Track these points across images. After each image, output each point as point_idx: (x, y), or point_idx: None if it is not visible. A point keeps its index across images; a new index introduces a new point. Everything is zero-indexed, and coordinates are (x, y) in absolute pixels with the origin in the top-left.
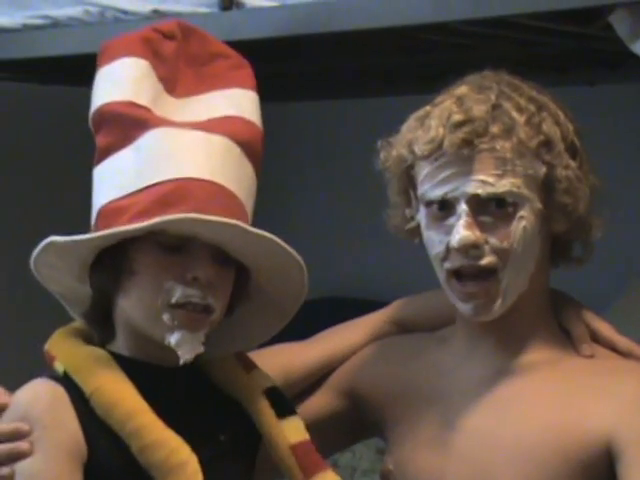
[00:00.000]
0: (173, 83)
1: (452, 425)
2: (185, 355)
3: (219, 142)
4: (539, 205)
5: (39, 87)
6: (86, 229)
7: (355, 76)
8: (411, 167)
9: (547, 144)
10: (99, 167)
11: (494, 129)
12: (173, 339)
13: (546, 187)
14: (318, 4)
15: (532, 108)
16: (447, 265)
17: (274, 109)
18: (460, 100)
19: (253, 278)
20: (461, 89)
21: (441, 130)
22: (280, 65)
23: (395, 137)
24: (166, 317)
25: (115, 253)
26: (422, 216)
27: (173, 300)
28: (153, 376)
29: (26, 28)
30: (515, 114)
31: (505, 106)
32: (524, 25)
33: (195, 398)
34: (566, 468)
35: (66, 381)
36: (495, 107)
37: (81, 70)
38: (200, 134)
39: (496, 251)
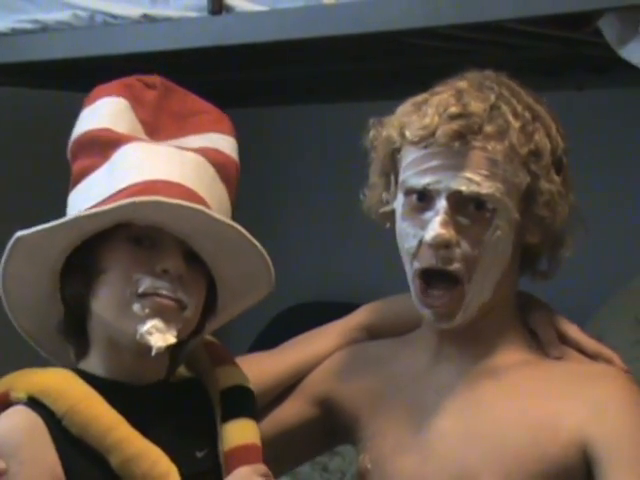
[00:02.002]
0: (153, 129)
1: (429, 427)
2: (157, 343)
3: (192, 157)
4: (516, 215)
5: (28, 91)
6: None
7: (344, 80)
8: (397, 151)
9: (536, 154)
10: (74, 190)
11: (488, 129)
12: (144, 328)
13: (526, 198)
14: (307, 9)
15: (528, 116)
16: (416, 265)
17: (263, 113)
18: (460, 93)
19: (219, 294)
20: (461, 83)
21: (436, 119)
22: (269, 70)
23: (388, 118)
24: (136, 307)
25: (84, 255)
26: (399, 204)
27: (141, 289)
28: (125, 395)
29: (15, 32)
30: (511, 118)
31: (503, 109)
32: (513, 29)
33: (169, 416)
34: (542, 468)
35: (35, 406)
36: (493, 108)
37: (70, 74)
38: (173, 149)
39: (465, 258)
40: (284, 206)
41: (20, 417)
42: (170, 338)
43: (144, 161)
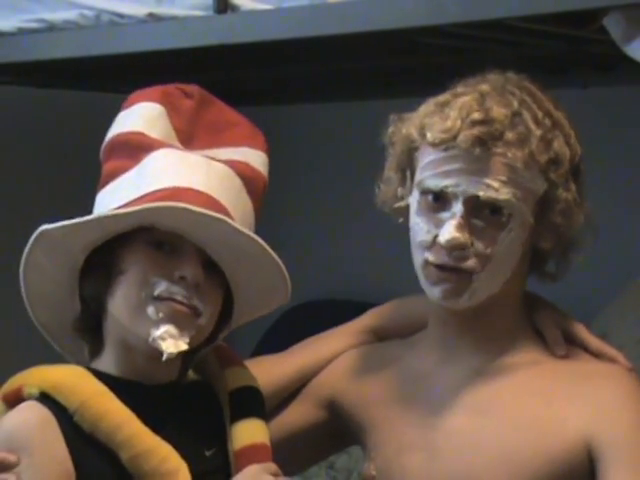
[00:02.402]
0: (187, 137)
1: (435, 427)
2: (169, 349)
3: (221, 168)
4: (531, 220)
5: (34, 90)
6: None
7: (350, 79)
8: (415, 149)
9: (555, 162)
10: (102, 190)
11: (509, 135)
12: (158, 333)
13: (542, 204)
14: (313, 7)
15: (548, 123)
16: (430, 258)
17: (269, 112)
18: (482, 97)
19: (235, 304)
20: (484, 86)
21: (458, 123)
22: (275, 68)
23: (408, 115)
24: (150, 310)
25: (105, 255)
26: (414, 200)
27: (156, 292)
28: (137, 393)
29: (21, 32)
30: (532, 126)
31: (524, 116)
32: (518, 27)
33: (179, 416)
34: (548, 468)
35: (47, 402)
36: (515, 114)
37: (77, 73)
38: (203, 159)
39: (478, 255)
40: (294, 203)
41: (31, 412)
42: (182, 345)
43: (172, 167)
